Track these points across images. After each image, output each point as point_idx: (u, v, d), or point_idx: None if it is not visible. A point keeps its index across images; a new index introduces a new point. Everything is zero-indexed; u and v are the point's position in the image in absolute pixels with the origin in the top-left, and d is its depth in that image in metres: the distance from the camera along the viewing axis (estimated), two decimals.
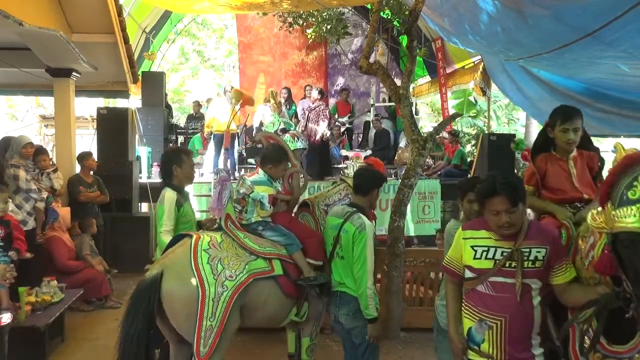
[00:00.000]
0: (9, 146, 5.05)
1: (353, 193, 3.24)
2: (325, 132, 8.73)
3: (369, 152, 9.33)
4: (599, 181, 2.81)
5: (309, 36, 10.90)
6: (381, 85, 10.50)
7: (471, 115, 14.71)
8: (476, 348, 2.23)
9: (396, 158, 9.10)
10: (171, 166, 3.36)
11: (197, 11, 9.50)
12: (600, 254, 2.04)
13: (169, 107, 10.58)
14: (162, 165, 3.48)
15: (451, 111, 10.93)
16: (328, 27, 10.51)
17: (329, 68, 12.19)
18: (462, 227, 2.39)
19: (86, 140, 9.61)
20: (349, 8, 11.28)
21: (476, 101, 13.92)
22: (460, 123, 13.97)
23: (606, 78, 5.02)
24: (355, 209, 3.04)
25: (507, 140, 8.29)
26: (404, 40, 10.79)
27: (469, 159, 9.53)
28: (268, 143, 3.68)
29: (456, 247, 2.37)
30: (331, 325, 3.55)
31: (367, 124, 10.95)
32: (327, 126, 8.85)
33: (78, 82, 6.76)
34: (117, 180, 6.87)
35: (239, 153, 8.85)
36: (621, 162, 1.89)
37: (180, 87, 20.44)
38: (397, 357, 4.26)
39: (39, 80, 6.76)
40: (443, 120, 9.03)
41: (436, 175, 8.99)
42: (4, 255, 3.72)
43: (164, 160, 3.48)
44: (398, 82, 5.09)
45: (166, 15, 10.98)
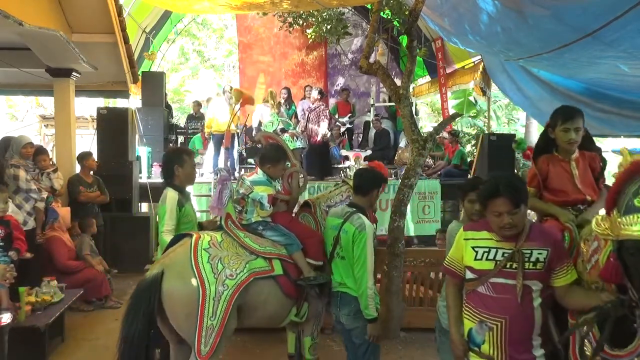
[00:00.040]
0: (9, 146, 5.05)
1: (353, 193, 3.24)
2: (326, 133, 8.74)
3: (369, 152, 9.34)
4: (601, 182, 2.81)
5: (309, 36, 10.90)
6: (381, 85, 10.50)
7: (471, 115, 14.71)
8: (477, 349, 2.23)
9: (396, 158, 9.09)
10: (173, 166, 3.36)
11: (197, 11, 9.50)
12: (605, 262, 2.02)
13: (169, 107, 10.58)
14: (164, 165, 3.48)
15: (451, 111, 10.92)
16: (328, 27, 10.51)
17: (329, 68, 12.19)
18: (464, 228, 2.39)
19: (86, 140, 9.61)
20: (349, 8, 11.28)
21: (476, 101, 13.92)
22: (460, 123, 13.97)
23: (606, 78, 5.02)
24: (355, 209, 3.04)
25: (507, 140, 8.29)
26: (404, 40, 10.80)
27: (469, 159, 9.53)
28: (267, 143, 3.68)
29: (457, 248, 2.37)
30: (332, 325, 3.55)
31: (367, 124, 10.96)
32: (328, 126, 8.85)
33: (78, 82, 6.76)
34: (117, 180, 6.87)
35: (239, 153, 8.86)
36: (628, 169, 1.87)
37: (180, 87, 20.44)
38: (397, 357, 4.26)
39: (39, 80, 6.76)
40: (443, 120, 9.04)
41: (436, 175, 8.99)
42: (4, 255, 3.72)
43: (166, 160, 3.48)
44: (398, 82, 5.09)
45: (166, 15, 10.98)
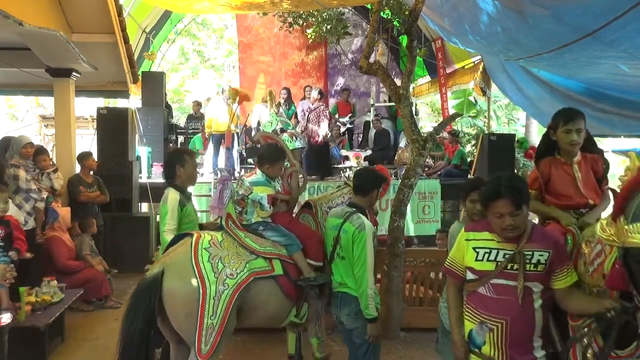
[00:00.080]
0: (9, 146, 5.05)
1: (353, 193, 3.24)
2: (327, 133, 8.74)
3: (369, 152, 9.34)
4: (604, 184, 2.79)
5: (309, 36, 10.90)
6: (381, 85, 10.50)
7: (471, 115, 14.70)
8: (477, 351, 2.22)
9: (396, 158, 9.10)
10: (174, 166, 3.37)
11: (197, 11, 9.50)
12: (611, 269, 2.01)
13: (169, 107, 10.57)
14: (166, 165, 3.51)
15: (451, 111, 10.92)
16: (328, 27, 10.51)
17: (329, 68, 12.19)
18: (465, 229, 2.38)
19: (86, 140, 9.61)
20: (349, 8, 11.28)
21: (476, 101, 13.91)
22: (460, 123, 13.96)
23: (606, 78, 5.02)
24: (354, 209, 3.04)
25: (507, 140, 8.31)
26: (404, 40, 10.80)
27: (469, 159, 9.53)
28: (266, 143, 3.68)
29: (458, 249, 2.36)
30: (333, 325, 3.55)
31: (367, 124, 10.96)
32: (328, 127, 8.85)
33: (78, 82, 6.76)
34: (117, 180, 6.87)
35: (239, 153, 8.86)
36: (637, 176, 1.86)
37: (180, 87, 20.44)
38: (397, 357, 4.26)
39: (39, 80, 6.76)
40: (443, 120, 9.04)
41: (436, 175, 8.98)
42: (4, 255, 3.72)
43: (168, 160, 3.51)
44: (398, 82, 5.09)
45: (166, 15, 10.98)
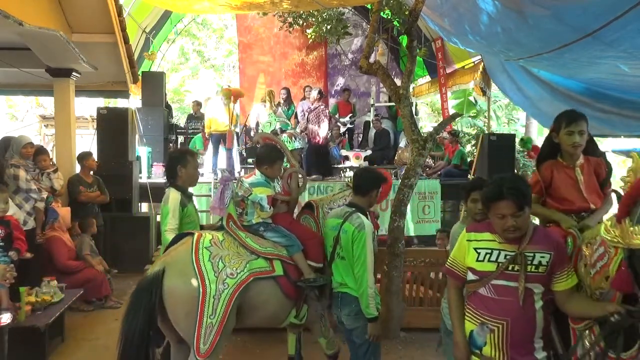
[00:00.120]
0: (9, 146, 5.06)
1: (352, 193, 3.24)
2: (327, 134, 8.74)
3: (369, 152, 9.34)
4: (607, 188, 2.77)
5: (309, 36, 10.90)
6: (381, 85, 10.50)
7: (471, 115, 14.69)
8: (478, 352, 2.22)
9: (396, 158, 9.09)
10: (176, 167, 3.39)
11: (197, 11, 9.50)
12: (617, 271, 2.00)
13: (169, 107, 10.57)
14: (167, 165, 3.52)
15: (451, 111, 10.92)
16: (328, 27, 10.50)
17: (329, 68, 12.19)
18: (466, 229, 2.37)
19: (86, 140, 9.61)
20: (349, 8, 11.28)
21: (476, 101, 13.90)
22: (460, 123, 13.95)
23: (606, 78, 5.02)
24: (354, 209, 3.05)
25: (507, 140, 8.30)
26: (404, 40, 10.79)
27: (469, 159, 9.53)
28: (264, 144, 3.69)
29: (459, 249, 2.35)
30: (333, 325, 3.56)
31: (367, 124, 10.95)
32: (329, 126, 8.85)
33: (78, 82, 6.76)
34: (117, 180, 6.87)
35: (239, 153, 8.86)
36: None
37: (180, 87, 20.44)
38: (397, 357, 4.26)
39: (39, 80, 6.77)
40: (443, 120, 9.03)
41: (436, 175, 8.98)
42: (4, 255, 3.72)
43: (169, 160, 3.53)
44: (398, 82, 5.09)
45: (166, 15, 10.97)
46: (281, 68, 11.95)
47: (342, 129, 10.05)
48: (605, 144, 10.26)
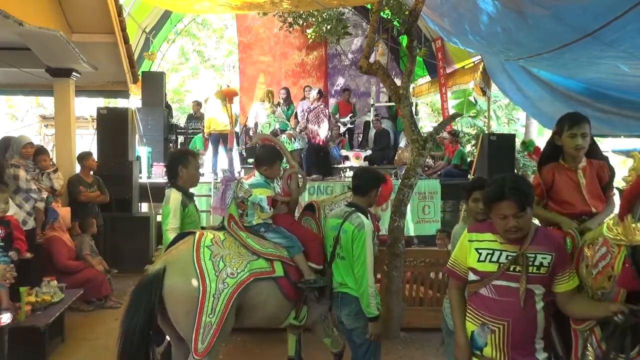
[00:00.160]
0: (9, 146, 5.05)
1: (352, 193, 3.24)
2: (327, 134, 8.74)
3: (369, 152, 9.34)
4: (609, 192, 2.75)
5: (309, 36, 10.89)
6: (381, 85, 10.50)
7: (471, 115, 14.69)
8: (478, 353, 2.21)
9: (396, 158, 9.09)
10: (177, 167, 3.40)
11: (197, 11, 9.50)
12: (621, 269, 1.99)
13: (169, 107, 10.57)
14: (168, 165, 3.54)
15: (451, 111, 10.91)
16: (328, 27, 10.50)
17: (329, 68, 12.18)
18: (468, 230, 2.37)
19: (86, 140, 9.62)
20: (349, 8, 11.27)
21: (476, 101, 13.90)
22: (460, 123, 13.95)
23: (606, 78, 5.01)
24: (353, 209, 3.05)
25: (507, 140, 8.30)
26: (404, 40, 10.79)
27: (469, 159, 9.53)
28: (262, 144, 3.69)
29: (461, 249, 2.34)
30: (333, 324, 3.58)
31: (367, 124, 10.96)
32: (329, 126, 8.85)
33: (78, 82, 6.76)
34: (117, 180, 6.87)
35: (239, 153, 8.85)
36: None
37: (180, 87, 20.45)
38: (397, 357, 4.26)
39: (39, 80, 6.76)
40: (443, 120, 9.03)
41: (436, 175, 8.99)
42: (4, 255, 3.72)
43: (170, 161, 3.54)
44: (398, 82, 5.09)
45: (166, 15, 10.97)
46: (281, 68, 11.95)
47: (342, 129, 10.06)
48: (605, 144, 10.26)
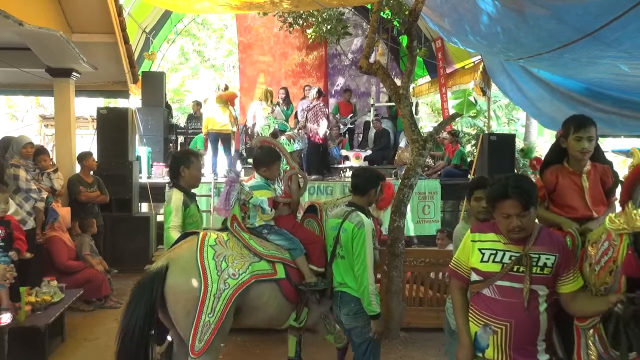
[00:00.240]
0: (9, 146, 5.05)
1: (351, 193, 3.24)
2: (326, 131, 8.74)
3: (369, 152, 9.34)
4: (612, 197, 2.73)
5: (309, 36, 10.90)
6: (381, 85, 10.50)
7: (471, 115, 14.70)
8: (480, 355, 2.20)
9: (396, 158, 9.09)
10: (179, 167, 3.41)
11: (197, 11, 9.50)
12: (625, 257, 1.97)
13: (169, 107, 10.57)
14: (171, 165, 3.55)
15: (451, 111, 10.92)
16: (328, 27, 10.50)
17: (329, 68, 12.19)
18: (471, 230, 2.35)
19: (86, 140, 9.61)
20: (349, 8, 11.28)
21: (476, 101, 13.91)
22: (460, 123, 13.96)
23: (606, 78, 5.02)
24: (353, 208, 3.06)
25: (507, 140, 8.30)
26: (404, 40, 10.79)
27: (469, 159, 9.53)
28: (260, 146, 3.69)
29: (464, 250, 2.33)
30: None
31: (367, 124, 10.96)
32: (327, 125, 8.85)
33: (78, 82, 6.75)
34: (117, 180, 6.87)
35: (239, 153, 8.85)
36: None
37: (180, 87, 20.45)
38: (397, 357, 4.26)
39: (39, 80, 6.76)
40: (443, 120, 9.03)
41: (436, 175, 8.98)
42: (4, 255, 3.72)
43: (173, 161, 3.55)
44: (398, 82, 5.09)
45: (166, 15, 10.98)
46: (281, 68, 11.95)
47: (343, 129, 10.06)
48: (605, 144, 10.25)
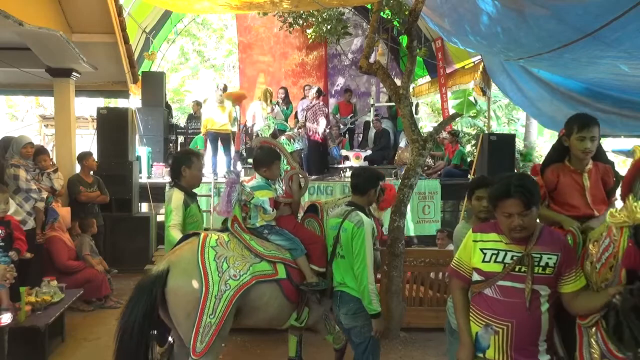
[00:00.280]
0: (9, 146, 5.05)
1: (351, 193, 3.25)
2: (325, 130, 8.74)
3: (369, 152, 9.34)
4: (613, 197, 2.73)
5: (309, 36, 10.90)
6: (381, 85, 10.50)
7: (471, 115, 14.70)
8: (481, 355, 2.19)
9: (396, 158, 9.10)
10: (180, 167, 3.42)
11: (197, 11, 9.50)
12: (625, 249, 1.97)
13: (169, 107, 10.57)
14: (172, 165, 3.56)
15: (451, 111, 10.92)
16: (328, 27, 10.50)
17: (329, 68, 12.19)
18: (473, 230, 2.35)
19: (86, 140, 9.61)
20: (349, 8, 11.28)
21: (476, 101, 13.91)
22: (460, 123, 13.96)
23: (606, 78, 5.02)
24: (352, 208, 3.07)
25: (507, 140, 8.31)
26: (404, 40, 10.79)
27: (469, 159, 9.53)
28: (259, 146, 3.69)
29: (465, 250, 2.32)
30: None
31: (367, 124, 10.96)
32: (327, 124, 8.86)
33: (78, 82, 6.75)
34: (117, 180, 6.87)
35: (239, 153, 8.85)
36: None
37: (180, 87, 20.45)
38: (397, 357, 4.26)
39: (39, 80, 6.76)
40: (443, 120, 9.03)
41: (436, 175, 8.99)
42: (5, 255, 3.73)
43: (174, 161, 3.56)
44: (398, 82, 5.09)
45: (166, 15, 10.98)
46: (281, 68, 11.95)
47: (343, 129, 10.06)
48: (605, 144, 10.24)
